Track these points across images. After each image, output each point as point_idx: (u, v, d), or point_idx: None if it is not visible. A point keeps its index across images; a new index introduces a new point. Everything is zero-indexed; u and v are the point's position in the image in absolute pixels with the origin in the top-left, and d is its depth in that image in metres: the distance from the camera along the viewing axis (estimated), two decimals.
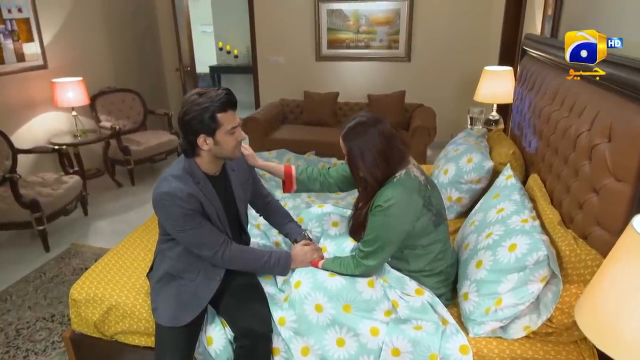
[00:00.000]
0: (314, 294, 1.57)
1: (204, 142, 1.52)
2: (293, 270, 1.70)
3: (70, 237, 3.42)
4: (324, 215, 1.95)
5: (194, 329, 1.61)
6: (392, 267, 1.70)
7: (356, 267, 1.62)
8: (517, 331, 1.50)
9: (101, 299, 1.77)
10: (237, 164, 1.74)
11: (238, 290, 1.68)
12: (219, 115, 1.49)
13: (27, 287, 2.79)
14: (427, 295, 1.61)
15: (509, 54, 3.92)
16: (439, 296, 1.66)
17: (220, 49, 7.75)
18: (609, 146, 1.39)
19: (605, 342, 0.86)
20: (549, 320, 1.45)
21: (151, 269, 1.75)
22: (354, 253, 1.69)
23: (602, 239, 1.39)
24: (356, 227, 1.75)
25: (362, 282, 1.61)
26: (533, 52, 2.61)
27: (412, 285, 1.64)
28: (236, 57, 7.64)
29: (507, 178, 1.93)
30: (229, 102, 1.52)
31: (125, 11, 5.02)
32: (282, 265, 1.68)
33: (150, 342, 1.75)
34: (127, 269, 1.93)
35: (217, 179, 1.65)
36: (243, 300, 1.64)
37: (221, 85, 7.97)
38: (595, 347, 1.44)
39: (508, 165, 2.06)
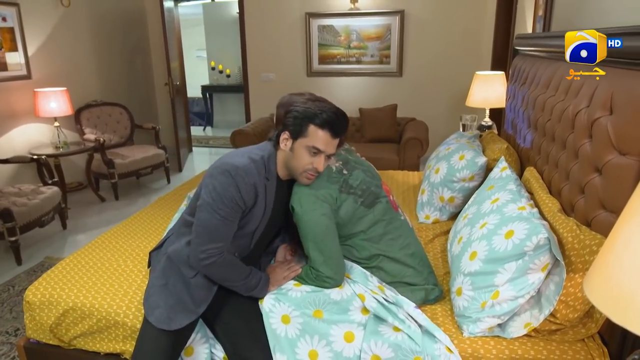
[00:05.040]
0: (278, 305, 1.43)
1: (285, 140, 1.44)
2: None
3: (45, 251, 3.24)
4: None
5: (184, 333, 1.42)
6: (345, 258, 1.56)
7: (320, 284, 1.47)
8: (518, 329, 1.35)
9: (57, 301, 1.60)
10: None
11: (239, 305, 1.48)
12: (311, 127, 1.38)
13: None
14: (390, 294, 1.46)
15: (501, 64, 3.86)
16: (422, 301, 1.51)
17: (213, 68, 7.73)
18: (610, 119, 1.27)
19: (622, 313, 0.71)
20: (553, 315, 1.31)
21: (159, 247, 1.57)
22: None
23: (607, 222, 1.25)
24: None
25: None
26: (524, 50, 2.54)
27: (374, 281, 1.51)
28: (228, 76, 7.62)
29: (502, 170, 1.81)
30: (330, 124, 1.37)
31: (114, 26, 4.99)
32: (261, 286, 1.47)
33: (111, 347, 1.57)
34: (88, 270, 1.76)
35: (284, 185, 1.53)
36: (246, 320, 1.45)
37: (213, 104, 7.92)
38: (604, 345, 1.30)
39: (502, 157, 1.93)
